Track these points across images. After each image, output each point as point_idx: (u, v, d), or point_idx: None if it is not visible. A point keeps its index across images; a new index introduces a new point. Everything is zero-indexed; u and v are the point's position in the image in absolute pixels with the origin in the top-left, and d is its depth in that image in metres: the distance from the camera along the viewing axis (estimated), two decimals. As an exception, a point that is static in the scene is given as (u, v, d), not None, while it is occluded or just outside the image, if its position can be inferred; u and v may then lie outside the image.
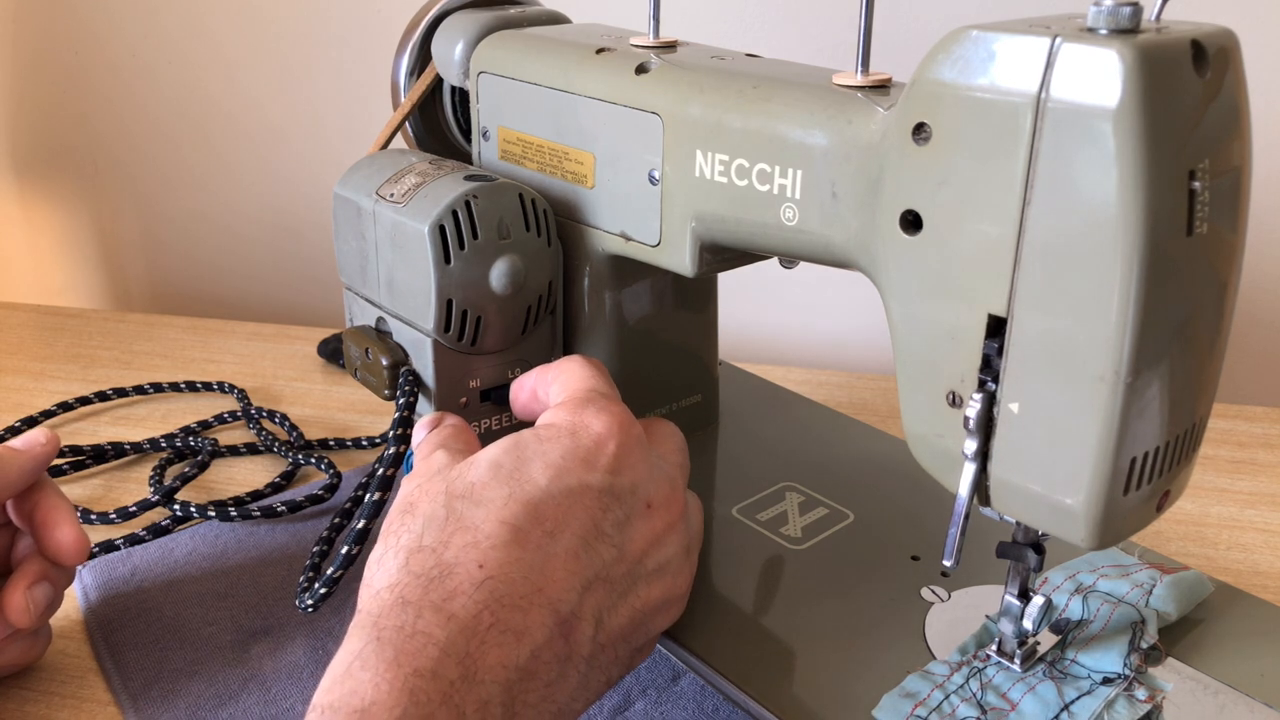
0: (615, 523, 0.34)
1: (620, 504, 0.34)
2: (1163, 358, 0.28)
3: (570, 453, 0.34)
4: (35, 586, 0.43)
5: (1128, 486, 0.29)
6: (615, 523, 0.34)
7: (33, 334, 0.84)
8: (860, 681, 0.37)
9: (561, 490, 0.33)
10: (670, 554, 0.36)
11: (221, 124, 0.94)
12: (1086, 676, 0.36)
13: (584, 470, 0.34)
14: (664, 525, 0.36)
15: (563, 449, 0.35)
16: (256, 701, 0.44)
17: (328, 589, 0.42)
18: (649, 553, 0.35)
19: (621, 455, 0.35)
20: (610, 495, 0.34)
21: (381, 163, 0.47)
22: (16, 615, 0.43)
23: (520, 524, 0.32)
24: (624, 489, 0.35)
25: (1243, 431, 0.68)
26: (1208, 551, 0.55)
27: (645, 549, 0.35)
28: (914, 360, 0.33)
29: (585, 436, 0.35)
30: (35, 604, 0.43)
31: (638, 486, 0.35)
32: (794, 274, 0.83)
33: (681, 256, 0.42)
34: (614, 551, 0.34)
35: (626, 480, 0.35)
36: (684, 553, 0.37)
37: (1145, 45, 0.26)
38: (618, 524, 0.34)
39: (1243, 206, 0.29)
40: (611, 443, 0.35)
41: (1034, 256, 0.28)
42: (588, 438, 0.35)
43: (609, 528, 0.34)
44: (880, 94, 0.35)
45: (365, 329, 0.48)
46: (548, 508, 0.33)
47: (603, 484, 0.34)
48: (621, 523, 0.34)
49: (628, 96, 0.42)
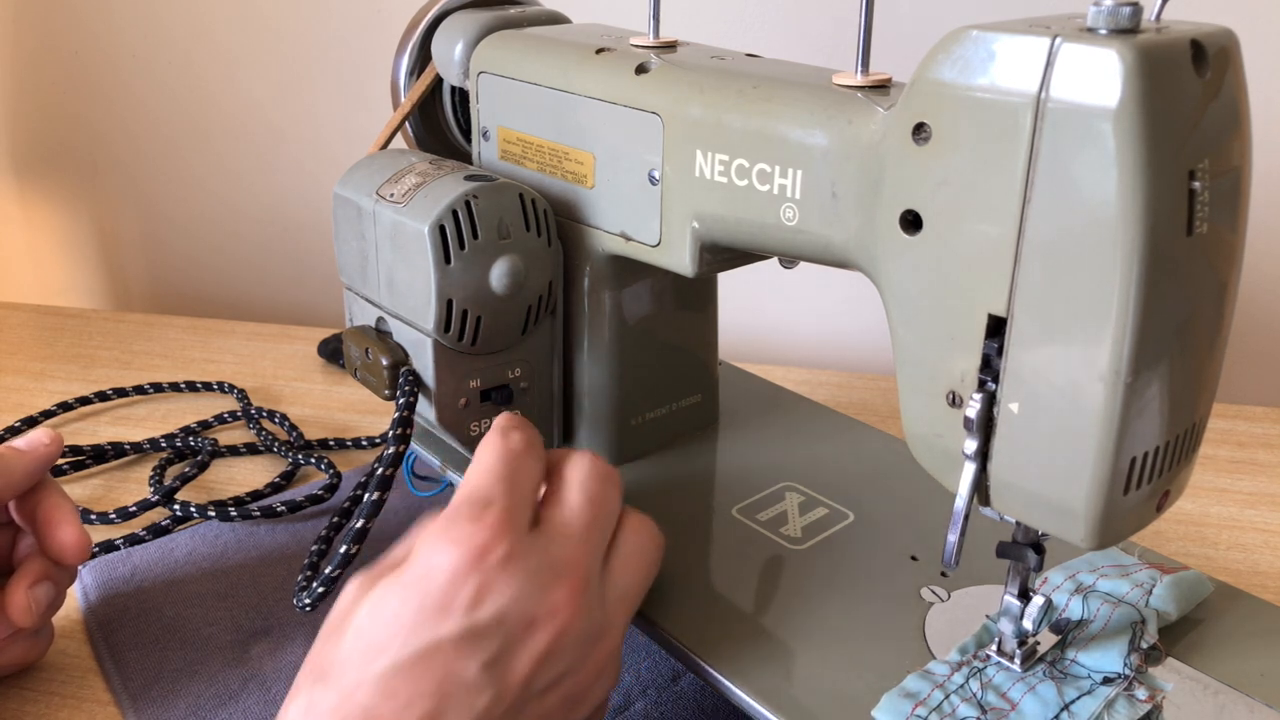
0: (485, 664, 0.32)
1: (488, 640, 0.32)
2: (1163, 358, 0.28)
3: (420, 606, 0.32)
4: (37, 586, 0.43)
5: (1128, 486, 0.29)
6: (485, 664, 0.32)
7: (33, 334, 0.84)
8: (860, 681, 0.37)
9: (410, 657, 0.31)
10: (565, 663, 0.33)
11: (222, 124, 0.94)
12: (1086, 676, 0.36)
13: (437, 621, 0.32)
14: (554, 634, 0.33)
15: (416, 603, 0.32)
16: (256, 701, 0.44)
17: (325, 588, 0.42)
18: (538, 674, 0.33)
19: (483, 587, 0.32)
20: (471, 639, 0.32)
21: (382, 163, 0.47)
22: (18, 615, 0.43)
23: (370, 704, 0.31)
24: (489, 624, 0.32)
25: (1243, 431, 0.68)
26: (1208, 551, 0.55)
27: (532, 672, 0.32)
28: (914, 360, 0.33)
29: (437, 577, 0.32)
30: (37, 603, 0.43)
31: (507, 612, 0.32)
32: (794, 274, 0.83)
33: (681, 256, 0.42)
34: (490, 693, 0.31)
35: (490, 611, 0.32)
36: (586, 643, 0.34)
37: (1145, 45, 0.26)
38: (489, 664, 0.32)
39: (1243, 206, 0.29)
40: (467, 579, 0.32)
41: (1034, 256, 0.28)
42: (441, 577, 0.32)
43: (474, 675, 0.31)
44: (880, 94, 0.35)
45: (365, 329, 0.48)
46: (397, 682, 0.31)
47: (460, 630, 0.32)
48: (494, 660, 0.32)
49: (628, 96, 0.42)
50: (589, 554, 0.35)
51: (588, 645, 0.34)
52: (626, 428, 0.50)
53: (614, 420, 0.50)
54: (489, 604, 0.32)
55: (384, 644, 0.32)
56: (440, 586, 0.32)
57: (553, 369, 0.49)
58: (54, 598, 0.44)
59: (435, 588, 0.32)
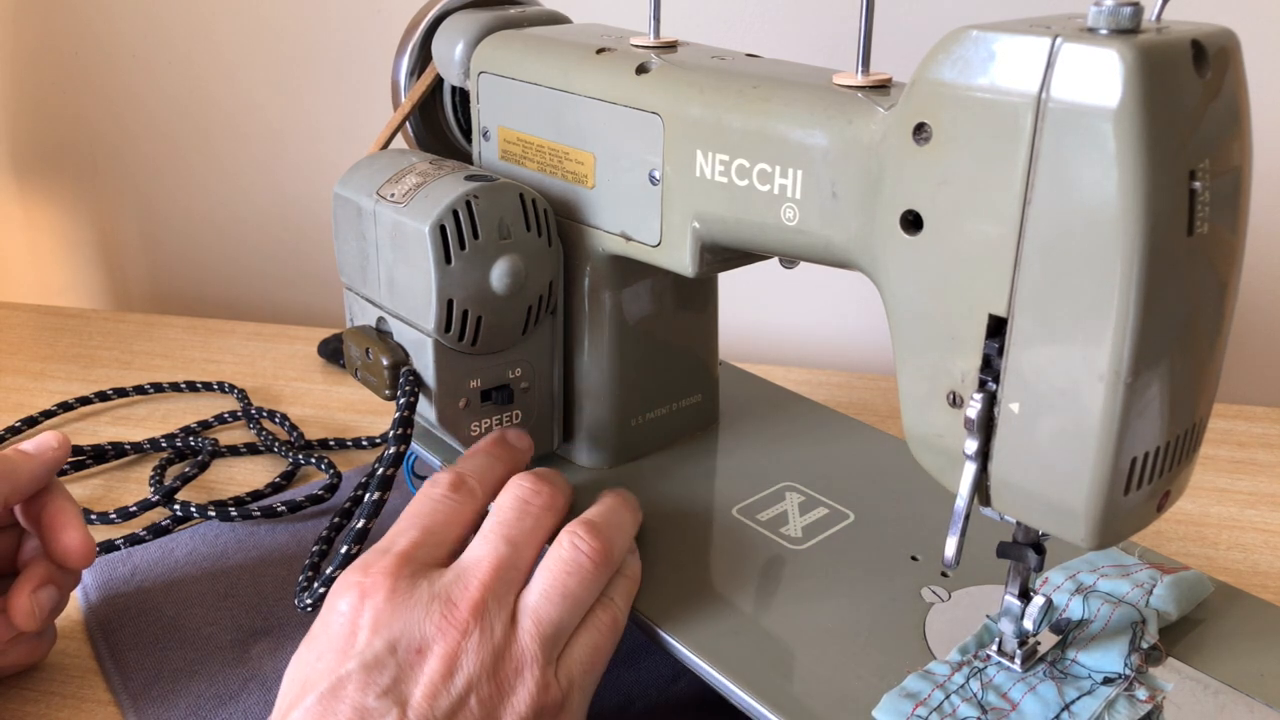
0: (383, 690, 0.34)
1: (383, 669, 0.35)
2: (1163, 358, 0.28)
3: (328, 649, 0.36)
4: (41, 590, 0.43)
5: (1128, 486, 0.29)
6: (383, 690, 0.34)
7: (33, 334, 0.84)
8: (860, 681, 0.37)
9: (325, 692, 0.34)
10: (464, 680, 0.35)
11: (222, 124, 0.94)
12: (1087, 676, 0.36)
13: (340, 660, 0.35)
14: (443, 659, 0.35)
15: (323, 645, 0.36)
16: (256, 701, 0.44)
17: (326, 588, 0.42)
18: (438, 694, 0.35)
19: (375, 622, 0.36)
20: (368, 670, 0.34)
21: (382, 163, 0.47)
22: (22, 619, 0.43)
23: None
24: (379, 656, 0.35)
25: (1243, 431, 0.68)
26: (1208, 551, 0.55)
27: (431, 693, 0.35)
28: (914, 360, 0.33)
29: (337, 621, 0.36)
30: (40, 608, 0.43)
31: (397, 643, 0.35)
32: (794, 274, 0.83)
33: (682, 256, 0.42)
34: (395, 713, 0.34)
35: (381, 644, 0.35)
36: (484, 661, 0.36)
37: (1146, 45, 0.26)
38: (387, 690, 0.34)
39: (1243, 206, 0.29)
40: (360, 616, 0.36)
41: (1034, 256, 0.28)
42: (339, 622, 0.36)
43: (374, 701, 0.34)
44: (880, 94, 0.35)
45: (366, 329, 0.48)
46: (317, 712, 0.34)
47: (358, 664, 0.34)
48: (391, 687, 0.34)
49: (628, 96, 0.42)
50: (490, 578, 0.37)
51: (486, 663, 0.36)
52: (627, 428, 0.50)
53: (614, 420, 0.50)
54: (379, 637, 0.35)
55: (308, 681, 0.35)
56: (341, 627, 0.36)
57: (553, 369, 0.49)
58: (57, 601, 0.44)
59: (337, 630, 0.36)
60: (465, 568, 0.38)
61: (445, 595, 0.37)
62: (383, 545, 0.39)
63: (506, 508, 0.40)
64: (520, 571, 0.38)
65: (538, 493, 0.41)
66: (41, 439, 0.45)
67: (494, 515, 0.40)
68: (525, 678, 0.36)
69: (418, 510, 0.40)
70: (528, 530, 0.40)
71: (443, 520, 0.40)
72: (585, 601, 0.38)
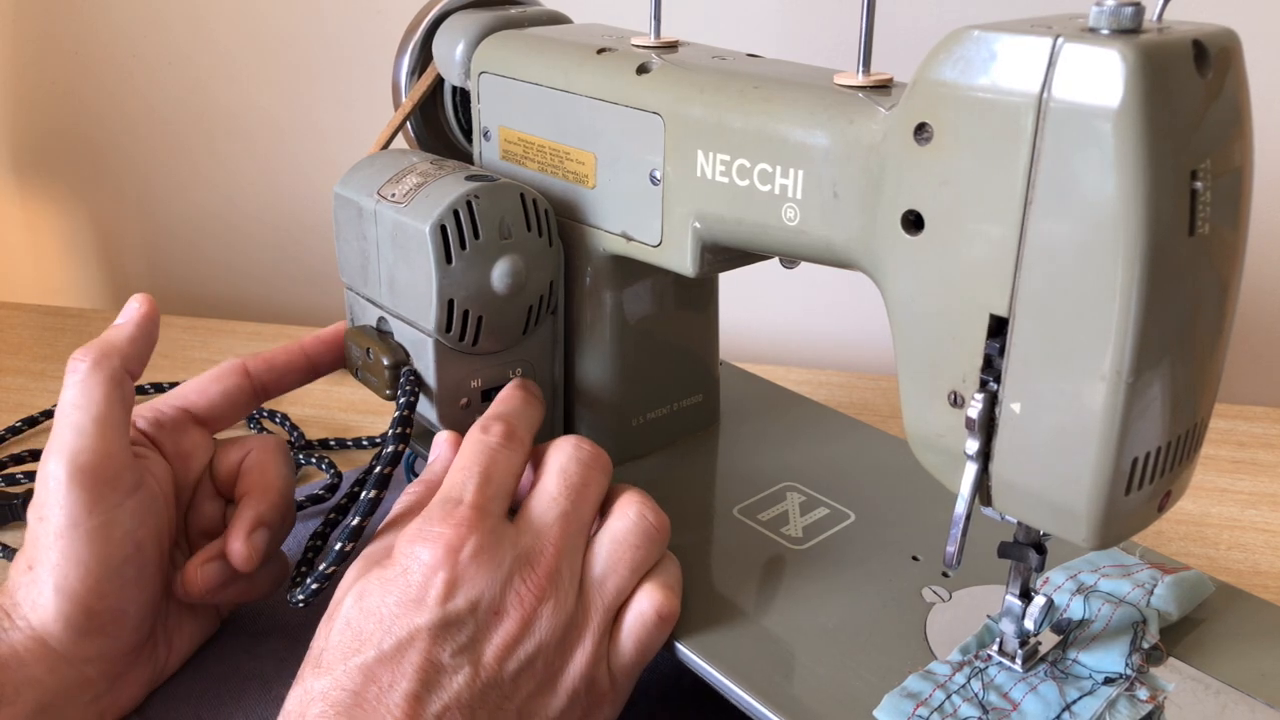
0: (458, 649, 0.35)
1: (460, 629, 0.35)
2: (1164, 358, 0.28)
3: (400, 600, 0.35)
4: (255, 533, 0.43)
5: (1129, 486, 0.29)
6: (458, 649, 0.35)
7: (33, 334, 0.84)
8: (861, 681, 0.37)
9: (391, 646, 0.34)
10: (534, 645, 0.36)
11: (222, 124, 0.94)
12: (1088, 676, 0.36)
13: (414, 613, 0.35)
14: (520, 621, 0.36)
15: (396, 595, 0.35)
16: (257, 702, 0.44)
17: (319, 584, 0.42)
18: (508, 656, 0.35)
19: (453, 580, 0.35)
20: (444, 627, 0.35)
21: (383, 163, 0.47)
22: (239, 561, 0.43)
23: (358, 688, 0.33)
24: (460, 614, 0.35)
25: (1243, 431, 0.68)
26: (1209, 551, 0.55)
27: (503, 655, 0.35)
28: (915, 360, 0.33)
29: (415, 572, 0.36)
30: (255, 550, 0.43)
31: (478, 603, 0.35)
32: (794, 274, 0.82)
33: (683, 257, 0.42)
34: (464, 674, 0.34)
35: (462, 603, 0.35)
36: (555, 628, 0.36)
37: (1147, 45, 0.26)
38: (462, 649, 0.35)
39: (1244, 206, 0.30)
40: (440, 572, 0.35)
41: (1036, 256, 0.28)
42: (418, 572, 0.36)
43: (448, 659, 0.34)
44: (882, 94, 0.35)
45: (366, 329, 0.48)
46: (380, 668, 0.34)
47: (434, 620, 0.35)
48: (467, 646, 0.35)
49: (629, 96, 0.42)
50: (561, 541, 0.38)
51: (557, 630, 0.36)
52: (627, 428, 0.50)
53: (615, 420, 0.50)
54: (460, 595, 0.35)
55: (369, 634, 0.35)
56: (416, 581, 0.35)
57: (554, 369, 0.49)
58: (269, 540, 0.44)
59: (412, 582, 0.35)
60: (538, 529, 0.38)
61: (525, 557, 0.37)
62: (448, 493, 0.38)
63: (569, 467, 0.40)
64: (583, 533, 0.39)
65: (596, 456, 0.41)
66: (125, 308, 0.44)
67: (558, 474, 0.39)
68: (586, 646, 0.37)
69: (475, 457, 0.39)
70: (589, 490, 0.40)
71: (502, 470, 0.39)
72: (646, 569, 0.39)
